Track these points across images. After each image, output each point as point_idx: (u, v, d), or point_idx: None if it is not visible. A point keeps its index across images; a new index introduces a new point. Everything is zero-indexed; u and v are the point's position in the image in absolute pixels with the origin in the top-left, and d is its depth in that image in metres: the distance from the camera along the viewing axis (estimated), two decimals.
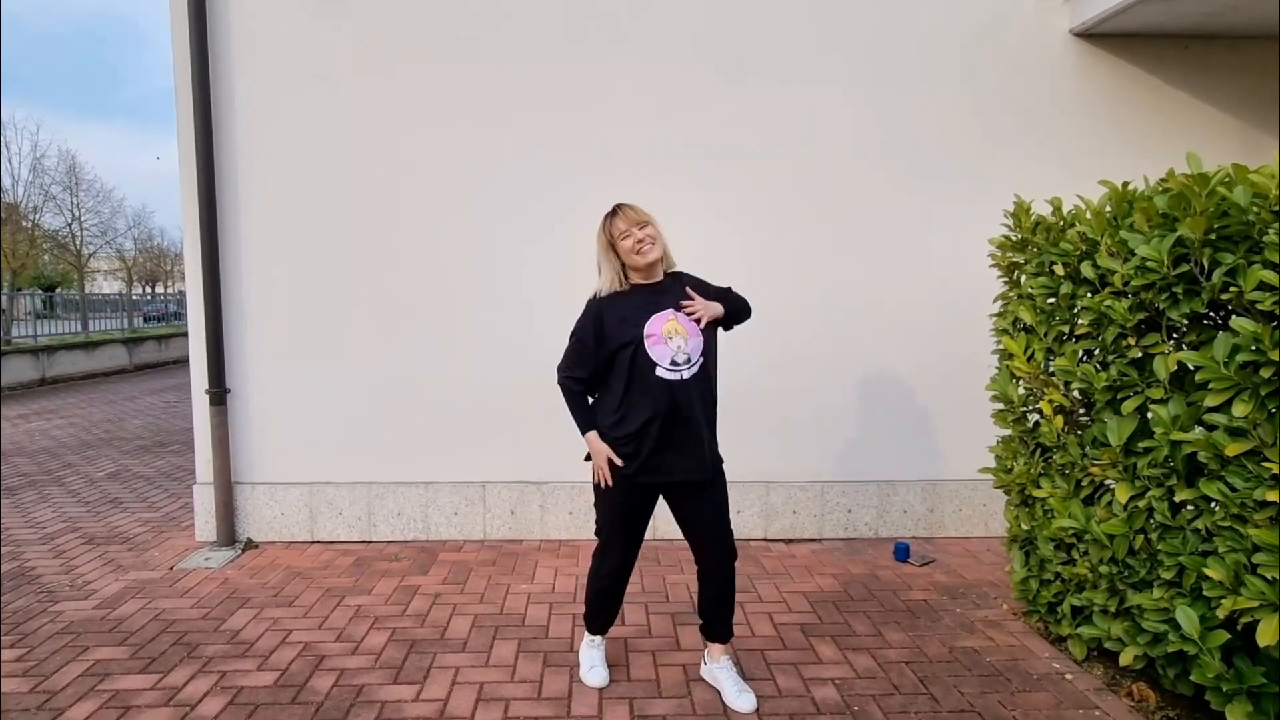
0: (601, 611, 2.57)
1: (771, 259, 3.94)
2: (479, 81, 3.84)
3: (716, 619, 2.50)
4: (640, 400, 2.27)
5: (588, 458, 2.42)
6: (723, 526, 2.41)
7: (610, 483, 2.33)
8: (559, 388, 2.41)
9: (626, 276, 2.37)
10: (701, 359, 2.32)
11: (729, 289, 2.47)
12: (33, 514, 4.57)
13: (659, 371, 2.26)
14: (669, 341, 2.26)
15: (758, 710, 2.40)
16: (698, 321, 2.30)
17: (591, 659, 2.59)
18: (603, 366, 2.35)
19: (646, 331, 2.27)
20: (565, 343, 2.43)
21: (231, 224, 3.87)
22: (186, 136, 3.76)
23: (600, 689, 2.51)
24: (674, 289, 2.37)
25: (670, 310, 2.30)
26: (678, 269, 2.49)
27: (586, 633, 2.65)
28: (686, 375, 2.28)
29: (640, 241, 2.29)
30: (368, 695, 2.50)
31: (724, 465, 2.46)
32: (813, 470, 4.08)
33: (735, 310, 2.44)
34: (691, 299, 2.33)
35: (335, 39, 3.80)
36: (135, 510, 4.64)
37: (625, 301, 2.33)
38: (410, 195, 3.89)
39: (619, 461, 2.30)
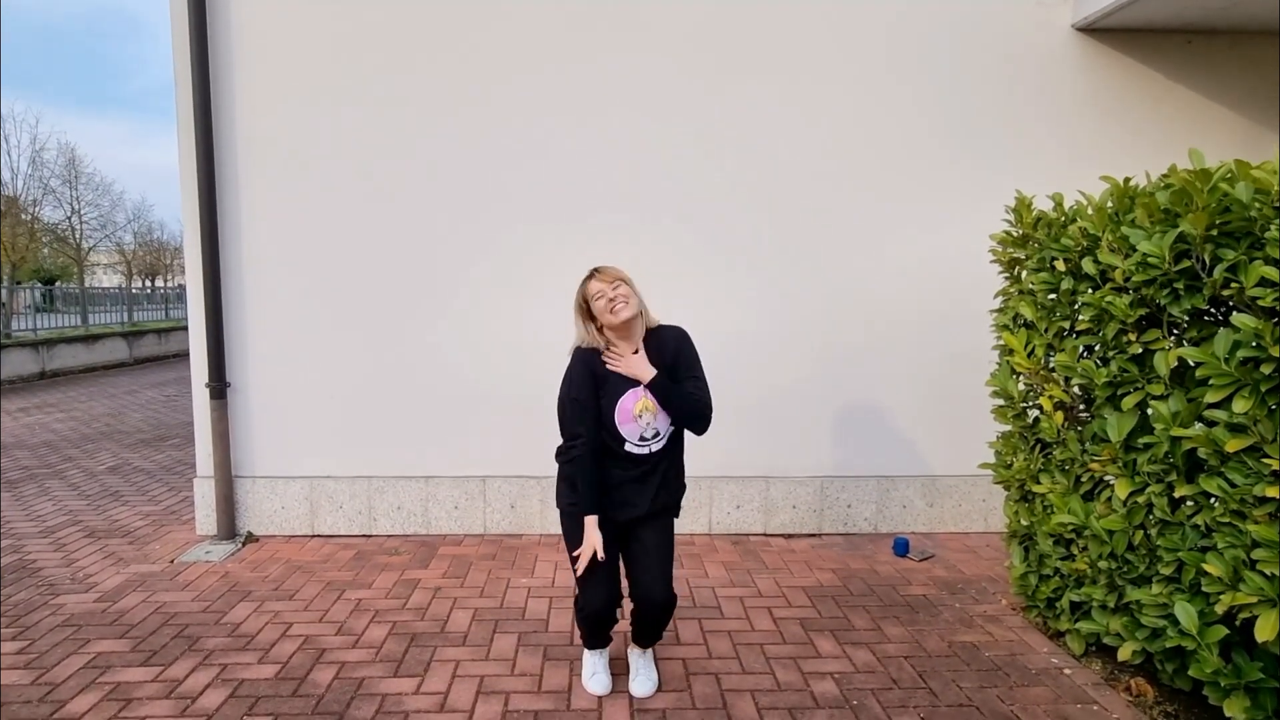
0: (591, 633, 2.51)
1: (771, 254, 3.93)
2: (481, 76, 3.82)
3: (644, 635, 2.50)
4: (611, 462, 2.31)
5: (567, 534, 2.36)
6: (667, 559, 2.37)
7: (583, 569, 2.26)
8: (562, 469, 2.36)
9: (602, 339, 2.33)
10: (670, 429, 2.33)
11: (695, 386, 2.32)
12: (33, 507, 4.58)
13: (627, 447, 2.29)
14: (638, 420, 2.28)
15: (757, 705, 2.41)
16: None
17: (593, 665, 2.55)
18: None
19: (618, 409, 2.27)
20: (565, 335, 2.41)
21: (232, 218, 3.87)
22: (186, 129, 3.75)
23: (603, 696, 2.47)
24: (653, 352, 2.33)
25: (642, 388, 2.28)
26: (659, 324, 2.40)
27: (585, 649, 2.59)
28: (654, 449, 2.31)
29: (613, 300, 2.24)
30: (368, 688, 2.51)
31: (678, 512, 2.45)
32: (813, 465, 4.09)
33: (675, 396, 2.28)
34: (617, 355, 2.28)
35: (337, 30, 3.79)
36: (136, 504, 4.65)
37: (604, 364, 2.30)
38: (412, 188, 3.88)
39: (601, 555, 2.25)
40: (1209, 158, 2.09)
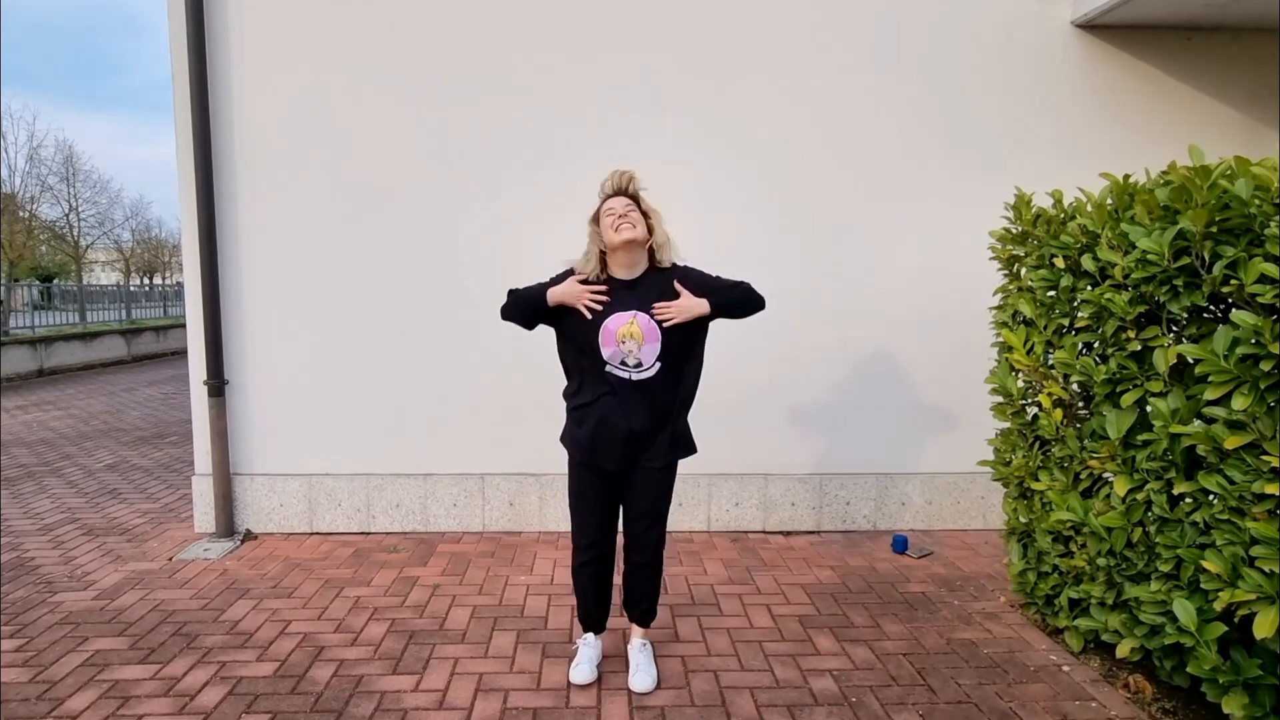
0: (582, 598, 2.55)
1: (771, 250, 3.93)
2: (482, 71, 3.81)
3: (634, 604, 2.57)
4: (591, 384, 2.33)
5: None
6: (654, 514, 2.42)
7: (594, 304, 2.27)
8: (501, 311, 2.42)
9: (605, 264, 2.32)
10: (659, 364, 2.27)
11: (731, 283, 2.37)
12: (31, 505, 4.57)
13: (608, 369, 2.29)
14: (621, 345, 2.25)
15: (755, 702, 2.41)
16: (660, 324, 2.24)
17: (581, 655, 2.57)
18: (560, 341, 2.40)
19: (602, 328, 2.26)
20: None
21: (230, 215, 3.86)
22: (184, 126, 3.74)
23: (582, 685, 2.48)
24: (653, 286, 2.30)
25: (633, 312, 2.25)
26: (680, 263, 2.42)
27: (580, 631, 2.65)
28: (636, 377, 2.28)
29: (621, 218, 2.22)
30: (367, 685, 2.51)
31: (683, 458, 2.46)
32: (811, 462, 4.09)
33: (728, 304, 2.33)
34: (667, 304, 2.27)
35: (338, 24, 3.77)
36: (134, 501, 4.65)
37: (597, 286, 2.31)
38: (412, 185, 3.87)
39: (595, 294, 2.26)
40: (1209, 154, 2.08)
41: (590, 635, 2.62)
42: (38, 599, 3.19)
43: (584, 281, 2.31)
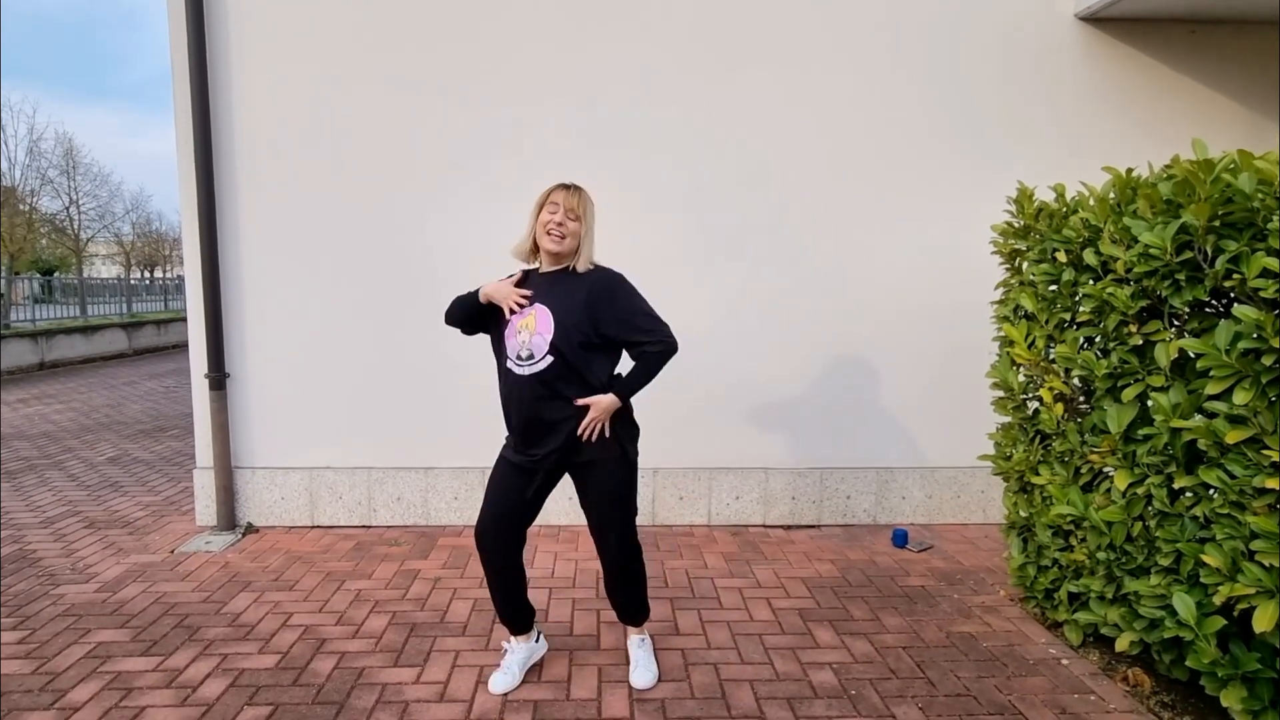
0: (491, 586, 2.43)
1: (771, 245, 3.92)
2: (482, 66, 3.80)
3: (617, 605, 2.53)
4: (502, 381, 2.35)
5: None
6: (609, 517, 2.34)
7: (517, 303, 2.28)
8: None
9: (536, 249, 2.36)
10: (549, 357, 2.20)
11: (644, 330, 2.23)
12: (33, 498, 4.58)
13: (507, 363, 2.29)
14: (518, 335, 2.25)
15: (755, 695, 2.42)
16: (559, 323, 2.21)
17: (503, 660, 2.50)
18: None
19: (509, 322, 2.28)
20: None
21: (230, 208, 3.85)
22: (184, 119, 3.73)
23: (500, 694, 2.40)
24: (564, 284, 2.27)
25: (536, 305, 2.25)
26: (600, 266, 2.34)
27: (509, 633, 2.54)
28: (526, 371, 2.23)
29: (557, 226, 2.24)
30: (369, 678, 2.52)
31: (617, 454, 2.31)
32: (812, 457, 4.09)
33: (636, 380, 2.25)
34: (589, 419, 2.22)
35: (340, 15, 3.76)
36: (135, 494, 4.65)
37: (524, 285, 2.34)
38: (414, 178, 3.86)
39: (521, 295, 2.27)
40: (1212, 148, 2.08)
41: (514, 639, 2.52)
42: (40, 591, 3.20)
43: (519, 284, 2.34)
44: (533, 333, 2.23)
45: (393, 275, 3.91)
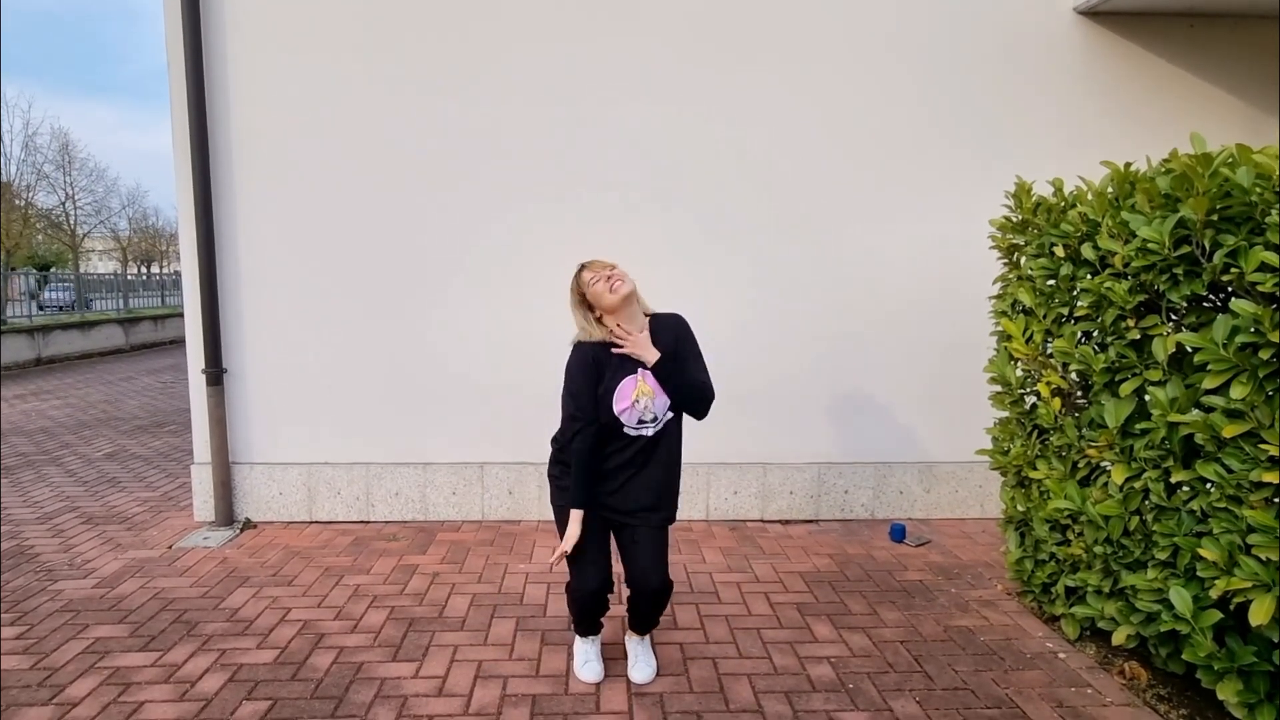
0: (580, 620, 2.51)
1: (770, 241, 3.92)
2: (482, 61, 3.78)
3: (637, 618, 2.51)
4: (613, 445, 2.32)
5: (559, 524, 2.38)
6: (659, 567, 2.36)
7: (557, 558, 2.29)
8: (554, 457, 2.41)
9: (599, 320, 2.33)
10: (670, 415, 2.32)
11: (697, 369, 2.33)
12: (31, 494, 4.58)
13: (626, 430, 2.30)
14: (635, 405, 2.27)
15: (754, 689, 2.42)
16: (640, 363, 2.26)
17: (585, 653, 2.52)
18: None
19: (617, 395, 2.26)
20: (563, 322, 2.40)
21: (227, 204, 3.84)
22: (180, 114, 3.71)
23: (596, 684, 2.46)
24: (657, 333, 2.32)
25: (639, 372, 2.28)
26: (654, 311, 2.41)
27: (576, 635, 2.58)
28: (650, 433, 2.31)
29: (610, 279, 2.24)
30: (367, 672, 2.52)
31: (676, 509, 2.43)
32: (810, 451, 4.09)
33: (678, 379, 2.29)
34: (628, 332, 2.27)
35: (337, 11, 3.74)
36: (133, 490, 4.65)
37: (606, 354, 2.29)
38: (411, 175, 3.85)
39: (567, 549, 2.28)
40: (1210, 142, 2.08)
41: (589, 636, 2.57)
42: (38, 587, 3.19)
43: (596, 352, 2.29)
44: (652, 398, 2.28)
45: (390, 271, 3.90)
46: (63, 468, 5.20)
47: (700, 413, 2.35)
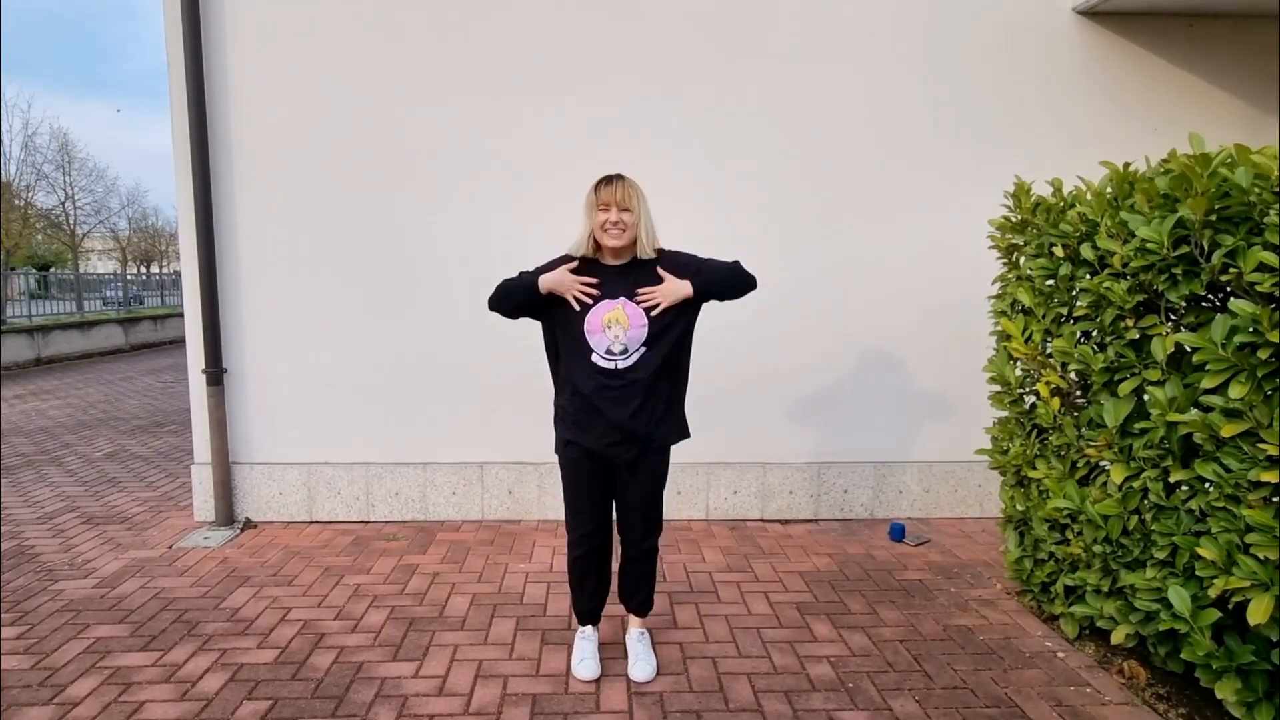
0: (578, 590, 2.54)
1: (769, 239, 3.92)
2: (481, 59, 3.78)
3: (630, 596, 2.57)
4: (576, 376, 2.32)
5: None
6: (650, 502, 2.41)
7: (587, 296, 2.27)
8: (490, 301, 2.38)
9: (598, 245, 2.32)
10: (643, 348, 2.27)
11: (718, 263, 2.36)
12: (31, 493, 4.58)
13: (593, 358, 2.28)
14: (606, 331, 2.25)
15: (753, 688, 2.43)
16: (650, 310, 2.25)
17: (582, 650, 2.53)
18: (548, 332, 2.40)
19: (587, 320, 2.26)
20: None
21: (227, 202, 3.84)
22: (180, 114, 3.71)
23: (592, 680, 2.47)
24: (638, 273, 2.29)
25: (620, 299, 2.26)
26: (664, 248, 2.39)
27: (577, 624, 2.63)
28: (621, 365, 2.27)
29: (613, 224, 2.23)
30: (367, 672, 2.52)
31: (678, 443, 2.44)
32: (810, 451, 4.10)
33: (715, 284, 2.32)
34: (651, 288, 2.26)
35: (334, 11, 3.74)
36: (133, 490, 4.65)
37: (588, 277, 2.29)
38: (412, 175, 3.85)
39: (586, 285, 2.26)
40: (1209, 142, 2.08)
41: (588, 628, 2.60)
42: (38, 587, 3.20)
43: (575, 270, 2.30)
44: (626, 329, 2.25)
45: (390, 270, 3.90)
46: (63, 468, 5.20)
47: (753, 284, 2.37)
